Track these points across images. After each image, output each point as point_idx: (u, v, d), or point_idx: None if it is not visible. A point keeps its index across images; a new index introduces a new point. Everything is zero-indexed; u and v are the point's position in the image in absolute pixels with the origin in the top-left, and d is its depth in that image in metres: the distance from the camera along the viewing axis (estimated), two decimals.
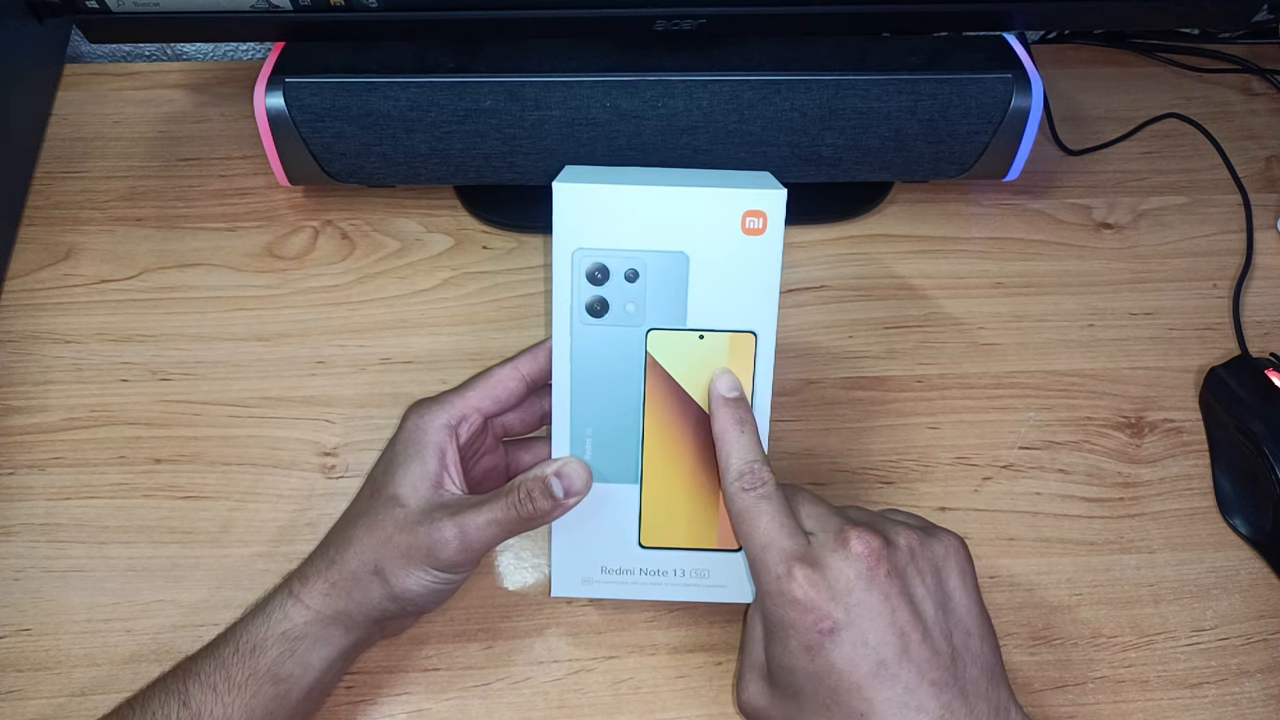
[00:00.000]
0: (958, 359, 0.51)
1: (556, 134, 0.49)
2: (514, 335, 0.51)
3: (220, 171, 0.57)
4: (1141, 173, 0.59)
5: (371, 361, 0.50)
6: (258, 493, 0.46)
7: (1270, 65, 0.63)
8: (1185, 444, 0.49)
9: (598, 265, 0.37)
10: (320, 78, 0.48)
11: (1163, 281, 0.54)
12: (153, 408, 0.48)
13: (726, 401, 0.38)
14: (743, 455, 0.37)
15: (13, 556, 0.44)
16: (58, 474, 0.46)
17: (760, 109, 0.49)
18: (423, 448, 0.38)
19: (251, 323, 0.51)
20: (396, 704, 0.41)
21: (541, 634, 0.43)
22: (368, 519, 0.38)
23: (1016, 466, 0.48)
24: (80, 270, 0.53)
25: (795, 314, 0.52)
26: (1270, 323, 0.53)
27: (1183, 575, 0.45)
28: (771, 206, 0.37)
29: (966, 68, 0.49)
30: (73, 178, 0.56)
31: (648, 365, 0.38)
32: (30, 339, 0.50)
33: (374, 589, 0.37)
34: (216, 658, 0.36)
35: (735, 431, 0.37)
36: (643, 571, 0.40)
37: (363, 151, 0.49)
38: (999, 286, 0.54)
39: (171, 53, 0.66)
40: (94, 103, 0.59)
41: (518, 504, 0.37)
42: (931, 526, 0.37)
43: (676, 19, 0.48)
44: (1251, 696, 0.42)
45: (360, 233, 0.54)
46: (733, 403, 0.38)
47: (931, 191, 0.57)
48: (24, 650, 0.42)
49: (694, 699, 0.42)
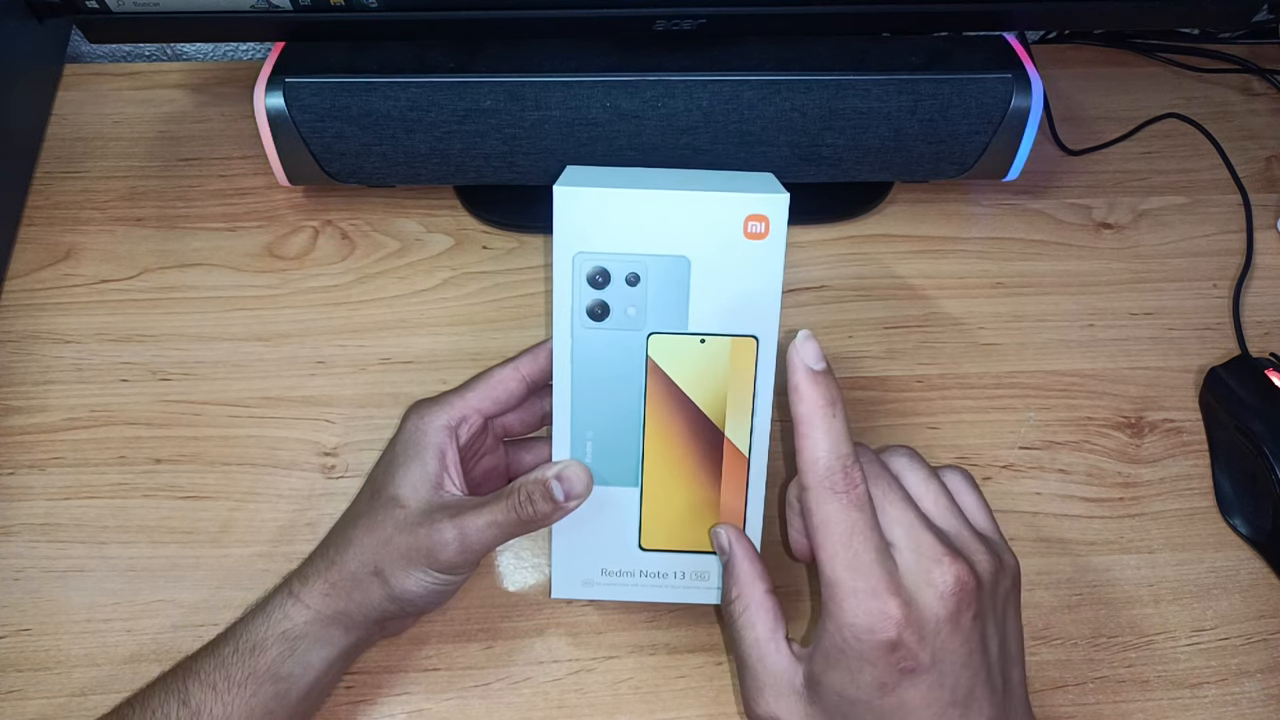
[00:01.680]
0: (958, 359, 0.51)
1: (556, 134, 0.49)
2: (514, 335, 0.51)
3: (220, 171, 0.57)
4: (1141, 173, 0.59)
5: (371, 361, 0.50)
6: (258, 493, 0.46)
7: (1270, 65, 0.63)
8: (1185, 444, 0.49)
9: (599, 269, 0.37)
10: (320, 78, 0.48)
11: (1163, 281, 0.54)
12: (153, 408, 0.48)
13: (813, 376, 0.32)
14: (833, 447, 0.32)
15: (13, 556, 0.44)
16: (58, 474, 0.46)
17: (760, 109, 0.49)
18: (423, 449, 0.38)
19: (251, 323, 0.51)
20: (396, 704, 0.41)
21: (541, 634, 0.43)
22: (368, 520, 0.38)
23: (1016, 466, 0.48)
24: (80, 270, 0.53)
25: (795, 314, 0.52)
26: (1270, 323, 0.53)
27: (1183, 575, 0.45)
28: (774, 210, 0.37)
29: (966, 68, 0.49)
30: (73, 178, 0.56)
31: (649, 369, 0.38)
32: (30, 339, 0.50)
33: (374, 590, 0.37)
34: (216, 657, 0.36)
35: (825, 414, 0.32)
36: (643, 574, 0.40)
37: (363, 151, 0.49)
38: (999, 286, 0.54)
39: (171, 53, 0.66)
40: (94, 103, 0.59)
41: (518, 506, 0.37)
42: (998, 542, 0.35)
43: (676, 19, 0.48)
44: (1251, 696, 0.42)
45: (360, 233, 0.54)
46: (821, 378, 0.32)
47: (931, 191, 0.57)
48: (24, 650, 0.42)
49: (694, 699, 0.42)
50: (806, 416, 0.32)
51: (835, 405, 0.32)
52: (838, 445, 0.32)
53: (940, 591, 0.31)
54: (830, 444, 0.32)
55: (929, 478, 0.35)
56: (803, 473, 0.32)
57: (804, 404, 0.32)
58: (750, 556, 0.37)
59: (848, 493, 0.31)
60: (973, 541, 0.33)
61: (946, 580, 0.31)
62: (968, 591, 0.31)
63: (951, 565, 0.31)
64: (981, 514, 0.36)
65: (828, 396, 0.32)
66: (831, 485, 0.31)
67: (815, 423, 0.32)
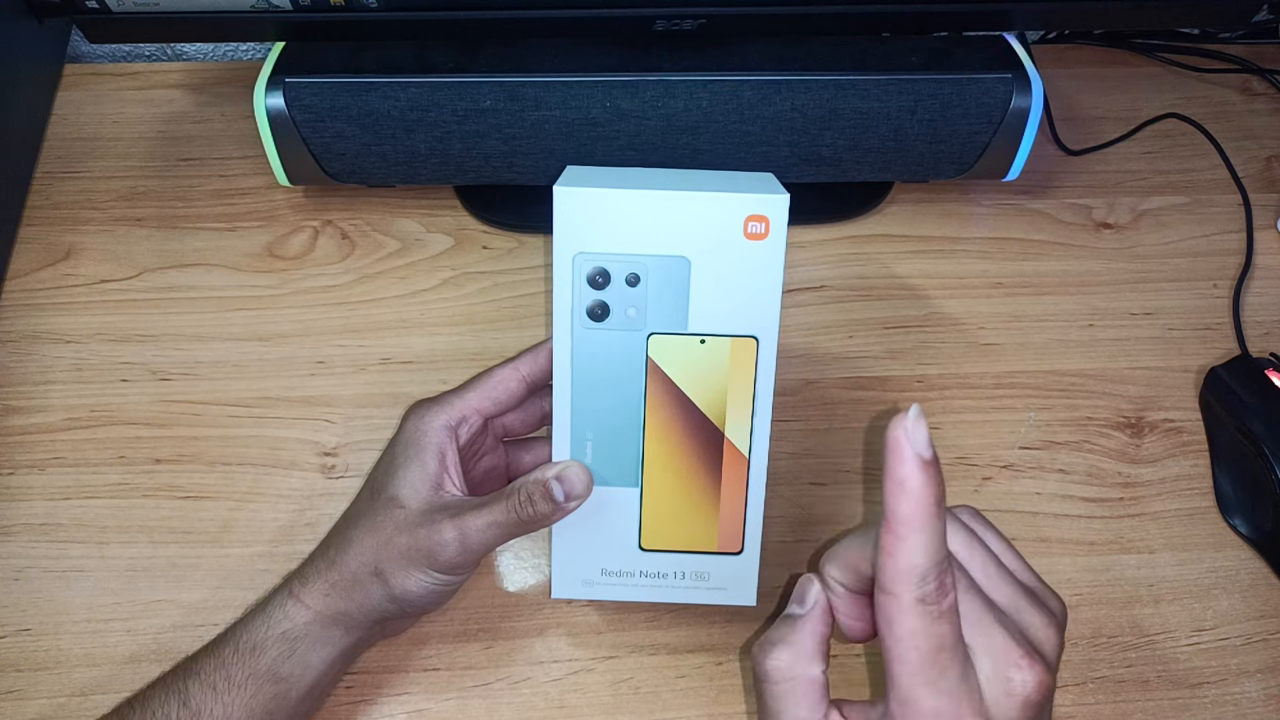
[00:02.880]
0: (958, 359, 0.51)
1: (556, 134, 0.49)
2: (514, 335, 0.51)
3: (220, 171, 0.57)
4: (1141, 173, 0.59)
5: (371, 361, 0.50)
6: (258, 493, 0.46)
7: (1270, 65, 0.63)
8: (1185, 444, 0.49)
9: (599, 269, 0.37)
10: (320, 78, 0.48)
11: (1163, 281, 0.54)
12: (153, 408, 0.48)
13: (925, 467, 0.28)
14: (933, 555, 0.28)
15: (13, 556, 0.44)
16: (58, 474, 0.46)
17: (760, 109, 0.49)
18: (422, 449, 0.38)
19: (251, 323, 0.51)
20: (396, 704, 0.41)
21: (541, 634, 0.43)
22: (368, 520, 0.38)
23: (1016, 466, 0.48)
24: (80, 270, 0.53)
25: (795, 314, 0.52)
26: (1270, 323, 0.53)
27: (1183, 575, 0.45)
28: (774, 211, 0.37)
29: (966, 68, 0.49)
30: (73, 178, 0.56)
31: (649, 370, 0.38)
32: (30, 339, 0.50)
33: (374, 590, 0.37)
34: (216, 657, 0.36)
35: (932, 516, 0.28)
36: (643, 574, 0.40)
37: (363, 151, 0.49)
38: (999, 286, 0.54)
39: (171, 53, 0.66)
40: (94, 103, 0.59)
41: (518, 507, 0.37)
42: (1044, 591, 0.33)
43: (676, 19, 0.48)
44: (1251, 696, 0.42)
45: (360, 233, 0.54)
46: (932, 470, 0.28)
47: (931, 191, 0.57)
48: (24, 650, 0.42)
49: (694, 699, 0.42)
50: (909, 518, 0.28)
51: (941, 505, 0.28)
52: (938, 550, 0.28)
53: (1021, 701, 0.29)
54: (932, 552, 0.28)
55: (969, 539, 0.32)
56: (891, 579, 0.28)
57: (909, 502, 0.28)
58: (820, 632, 0.33)
59: (938, 604, 0.28)
60: (1032, 614, 0.31)
61: (1028, 685, 0.29)
62: (1045, 691, 0.29)
63: (1030, 669, 0.29)
64: (1019, 564, 0.34)
65: (937, 495, 0.28)
66: (924, 597, 0.28)
67: (919, 526, 0.28)
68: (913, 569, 0.28)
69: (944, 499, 0.28)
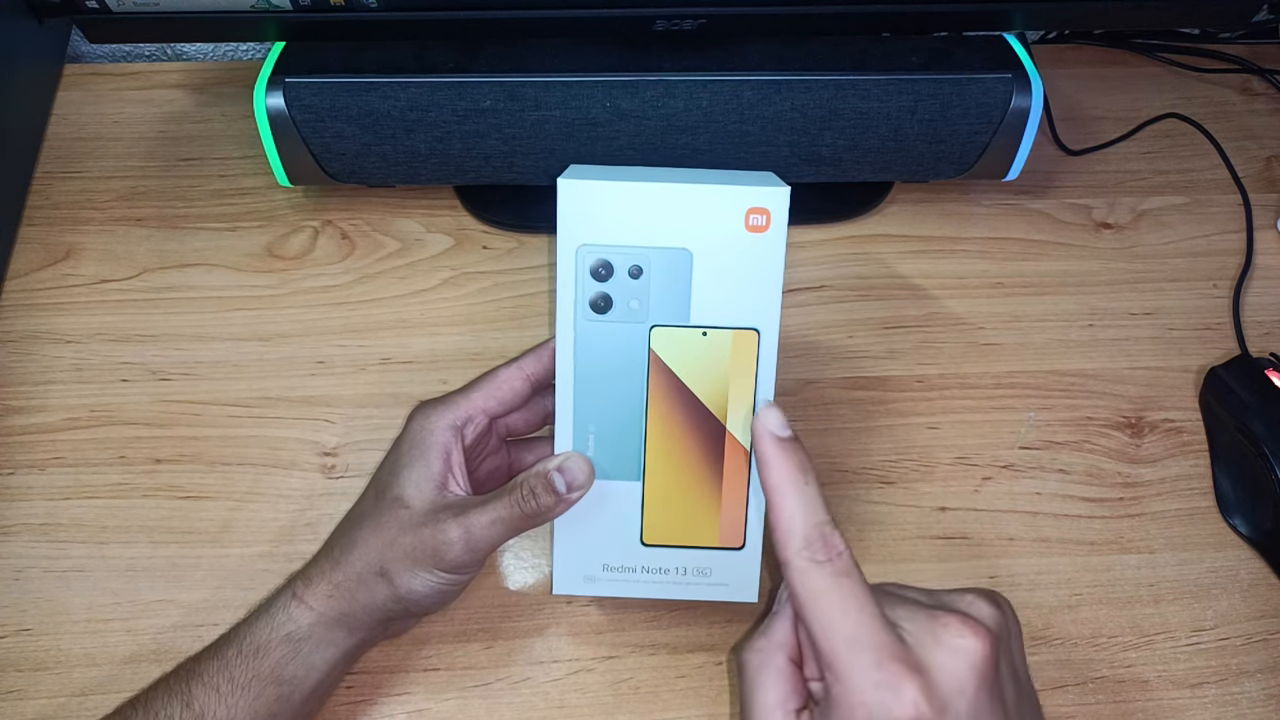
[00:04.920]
0: (958, 359, 0.51)
1: (556, 134, 0.49)
2: (514, 335, 0.51)
3: (220, 171, 0.57)
4: (1141, 173, 0.59)
5: (371, 361, 0.50)
6: (258, 493, 0.46)
7: (1270, 65, 0.63)
8: (1185, 444, 0.49)
9: (602, 262, 0.37)
10: (320, 78, 0.48)
11: (1163, 281, 0.54)
12: (153, 408, 0.48)
13: (781, 444, 0.31)
14: (809, 516, 0.30)
15: (13, 556, 0.44)
16: (58, 474, 0.46)
17: (760, 109, 0.49)
18: (427, 449, 0.38)
19: (251, 323, 0.51)
20: (396, 704, 0.41)
21: (541, 634, 0.43)
22: (372, 520, 0.38)
23: (1016, 466, 0.48)
24: (80, 270, 0.53)
25: (795, 314, 0.52)
26: (1270, 323, 0.53)
27: (1183, 575, 0.45)
28: (775, 203, 0.37)
29: (966, 68, 0.49)
30: (73, 178, 0.56)
31: (651, 362, 0.38)
32: (30, 339, 0.50)
33: (379, 590, 0.37)
34: (220, 659, 0.36)
35: (797, 483, 0.30)
36: (645, 569, 0.40)
37: (363, 151, 0.49)
38: (999, 286, 0.54)
39: (171, 53, 0.65)
40: (94, 103, 0.59)
41: (521, 501, 0.37)
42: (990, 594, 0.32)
43: (676, 19, 0.48)
44: (1251, 696, 0.42)
45: (360, 233, 0.54)
46: (789, 445, 0.31)
47: (931, 191, 0.57)
48: (24, 650, 0.42)
49: (694, 699, 0.42)
50: (777, 486, 0.30)
51: (807, 473, 0.30)
52: (814, 512, 0.30)
53: (954, 650, 0.28)
54: (806, 511, 0.30)
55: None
56: (780, 546, 0.30)
57: (774, 473, 0.30)
58: (791, 627, 0.33)
59: (832, 560, 0.29)
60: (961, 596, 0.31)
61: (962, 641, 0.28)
62: (986, 653, 0.28)
63: (962, 626, 0.28)
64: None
65: (799, 464, 0.30)
66: (812, 555, 0.29)
67: (787, 491, 0.30)
68: (793, 531, 0.30)
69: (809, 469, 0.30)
